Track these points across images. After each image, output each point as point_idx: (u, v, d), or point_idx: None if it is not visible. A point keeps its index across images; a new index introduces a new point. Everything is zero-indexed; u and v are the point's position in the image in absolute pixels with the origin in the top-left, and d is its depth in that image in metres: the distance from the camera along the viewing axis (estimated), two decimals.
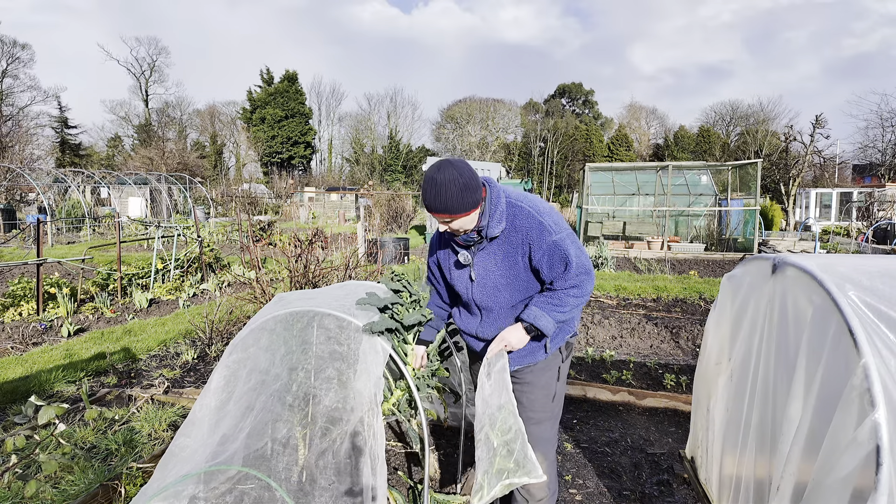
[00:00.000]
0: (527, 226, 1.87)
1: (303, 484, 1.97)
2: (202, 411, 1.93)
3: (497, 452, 1.71)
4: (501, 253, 1.92)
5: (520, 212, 1.89)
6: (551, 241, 1.84)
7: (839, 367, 1.41)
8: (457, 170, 1.78)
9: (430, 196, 1.78)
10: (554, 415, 2.10)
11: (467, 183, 1.77)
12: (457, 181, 1.76)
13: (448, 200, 1.76)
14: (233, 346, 2.03)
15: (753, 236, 12.67)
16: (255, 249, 5.41)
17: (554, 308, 1.88)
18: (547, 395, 2.05)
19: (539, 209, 1.90)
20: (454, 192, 1.76)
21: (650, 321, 6.03)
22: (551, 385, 2.06)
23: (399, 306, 2.12)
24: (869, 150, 34.49)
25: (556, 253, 1.85)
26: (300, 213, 25.22)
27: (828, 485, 1.33)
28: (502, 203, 1.88)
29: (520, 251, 1.90)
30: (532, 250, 1.87)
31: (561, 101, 56.60)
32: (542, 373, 2.04)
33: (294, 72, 50.31)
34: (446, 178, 1.75)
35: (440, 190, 1.76)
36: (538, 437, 2.04)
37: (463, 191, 1.76)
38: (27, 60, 41.90)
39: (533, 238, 1.86)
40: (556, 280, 1.90)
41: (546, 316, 1.87)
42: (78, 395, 3.81)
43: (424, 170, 16.85)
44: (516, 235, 1.89)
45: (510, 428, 1.73)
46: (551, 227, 1.86)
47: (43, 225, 9.68)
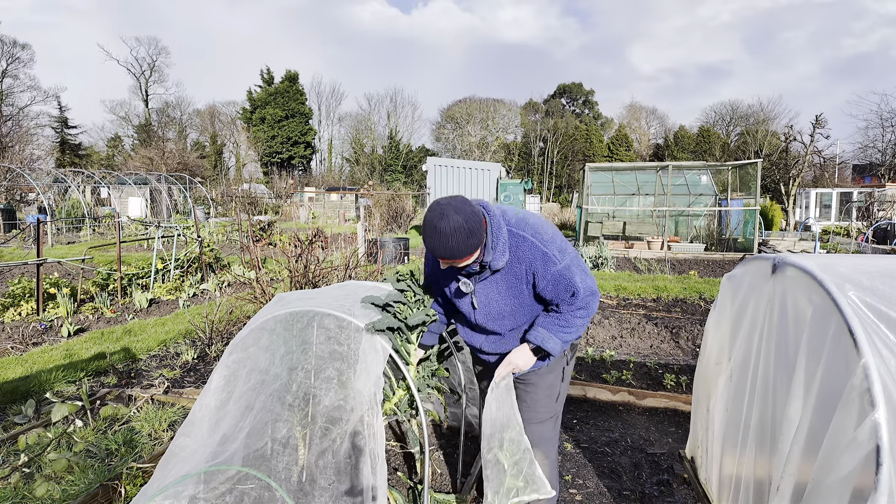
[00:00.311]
0: (530, 256, 1.83)
1: (303, 484, 1.97)
2: (202, 411, 1.93)
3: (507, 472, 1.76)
4: (505, 283, 1.89)
5: (522, 242, 1.84)
6: (556, 272, 1.82)
7: (839, 367, 1.41)
8: (460, 215, 1.69)
9: (434, 244, 1.72)
10: (556, 414, 2.11)
11: (472, 228, 1.70)
12: (462, 229, 1.68)
13: (453, 249, 1.70)
14: (233, 346, 2.03)
15: (753, 236, 12.67)
16: (255, 249, 5.41)
17: (561, 329, 1.88)
18: (551, 396, 2.06)
19: (542, 237, 1.84)
20: (459, 239, 1.69)
21: (650, 321, 6.03)
22: (555, 385, 2.07)
23: (402, 305, 2.12)
24: (869, 150, 34.52)
25: (562, 282, 1.83)
26: (300, 213, 25.22)
27: (828, 485, 1.33)
28: (504, 233, 1.82)
29: (524, 280, 1.87)
30: (536, 279, 1.85)
31: (561, 101, 56.61)
32: (547, 374, 2.05)
33: (295, 72, 50.34)
34: (450, 227, 1.67)
35: (445, 240, 1.69)
36: (540, 436, 2.05)
37: (468, 237, 1.70)
38: (27, 60, 41.93)
39: (537, 268, 1.83)
40: (562, 304, 1.88)
41: (553, 338, 1.87)
42: (78, 395, 3.81)
43: (424, 169, 16.86)
44: (520, 266, 1.85)
45: (518, 447, 1.78)
46: (555, 258, 1.82)
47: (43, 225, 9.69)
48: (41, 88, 42.48)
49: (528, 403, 2.05)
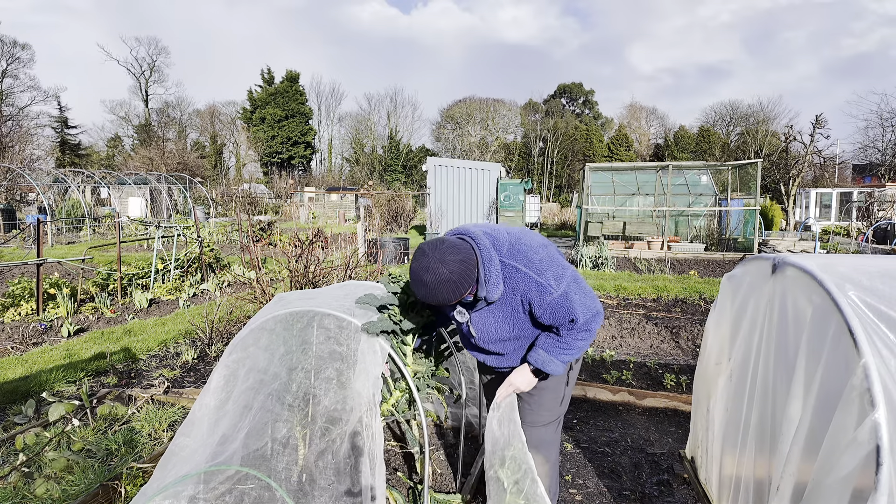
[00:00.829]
0: (524, 287, 1.78)
1: (302, 484, 1.97)
2: (202, 411, 1.93)
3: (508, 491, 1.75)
4: (501, 313, 1.85)
5: (516, 273, 1.78)
6: (552, 301, 1.77)
7: (839, 366, 1.41)
8: (446, 267, 1.64)
9: (422, 296, 1.70)
10: (559, 417, 2.11)
11: (458, 280, 1.66)
12: (447, 281, 1.65)
13: (441, 298, 1.69)
14: (232, 346, 2.03)
15: (753, 236, 12.67)
16: (255, 249, 5.41)
17: (562, 351, 1.85)
18: (555, 399, 2.05)
19: (536, 266, 1.78)
20: (447, 290, 1.66)
21: (650, 321, 6.03)
22: (560, 389, 2.06)
23: (397, 307, 2.12)
24: (869, 150, 34.52)
25: (560, 311, 1.79)
26: (300, 213, 25.23)
27: (828, 485, 1.33)
28: (496, 265, 1.76)
29: (520, 309, 1.84)
30: (533, 308, 1.81)
31: (561, 101, 56.63)
32: (552, 379, 2.03)
33: (296, 72, 50.36)
34: (436, 281, 1.64)
35: (432, 292, 1.67)
36: (542, 439, 2.05)
37: (456, 286, 1.67)
38: (27, 60, 41.95)
39: (532, 298, 1.79)
40: (562, 329, 1.85)
41: (554, 360, 1.85)
42: (78, 395, 3.81)
43: (424, 169, 16.84)
44: (515, 297, 1.81)
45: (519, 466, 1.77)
46: (550, 287, 1.76)
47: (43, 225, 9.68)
48: (41, 88, 42.54)
49: (533, 407, 2.04)
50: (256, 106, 49.94)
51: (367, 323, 1.96)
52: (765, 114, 46.45)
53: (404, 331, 2.09)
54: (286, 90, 49.60)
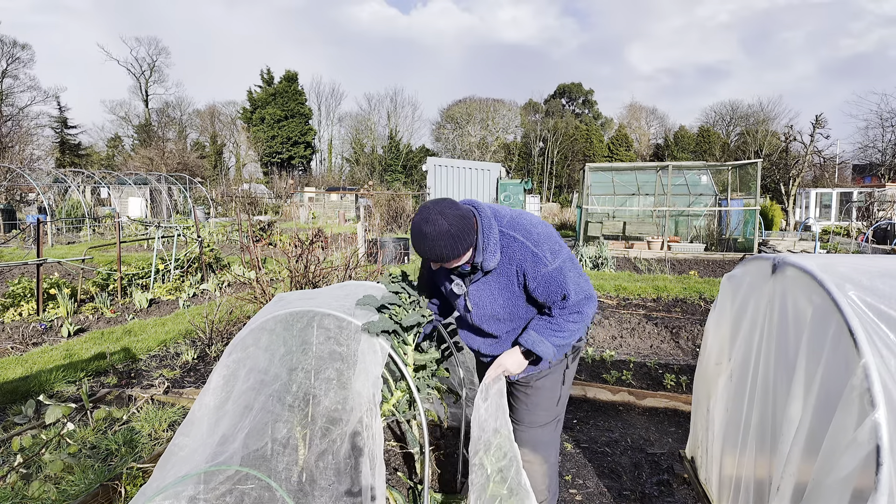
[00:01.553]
0: (520, 257, 1.81)
1: (303, 484, 1.97)
2: (201, 411, 1.93)
3: (490, 478, 1.72)
4: (497, 284, 1.87)
5: (513, 242, 1.81)
6: (546, 273, 1.79)
7: (839, 367, 1.41)
8: (446, 220, 1.68)
9: (421, 249, 1.73)
10: (557, 418, 2.09)
11: (458, 233, 1.69)
12: (447, 234, 1.68)
13: (440, 253, 1.71)
14: (232, 346, 2.03)
15: (753, 236, 12.67)
16: (255, 249, 5.41)
17: (553, 333, 1.84)
18: (552, 399, 2.04)
19: (534, 238, 1.82)
20: (446, 244, 1.69)
21: (650, 321, 6.03)
22: (556, 389, 2.04)
23: (397, 307, 2.11)
24: (869, 150, 34.52)
25: (553, 284, 1.80)
26: (300, 214, 25.22)
27: (828, 485, 1.33)
28: (495, 233, 1.80)
29: (515, 281, 1.85)
30: (527, 280, 1.83)
31: (561, 101, 56.63)
32: (548, 376, 2.02)
33: (294, 72, 50.33)
34: (435, 232, 1.67)
35: (431, 244, 1.69)
36: (540, 440, 2.03)
37: (455, 241, 1.69)
38: (27, 60, 41.94)
39: (527, 269, 1.81)
40: (554, 307, 1.85)
41: (545, 342, 1.84)
42: (78, 395, 3.81)
43: (424, 169, 16.86)
44: (510, 267, 1.83)
45: (505, 454, 1.74)
46: (546, 258, 1.79)
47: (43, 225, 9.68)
48: (41, 88, 42.53)
49: (529, 407, 2.03)
50: (256, 106, 49.93)
51: (367, 322, 1.96)
52: (765, 114, 46.46)
53: (405, 329, 2.09)
54: (285, 90, 49.59)
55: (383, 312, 2.10)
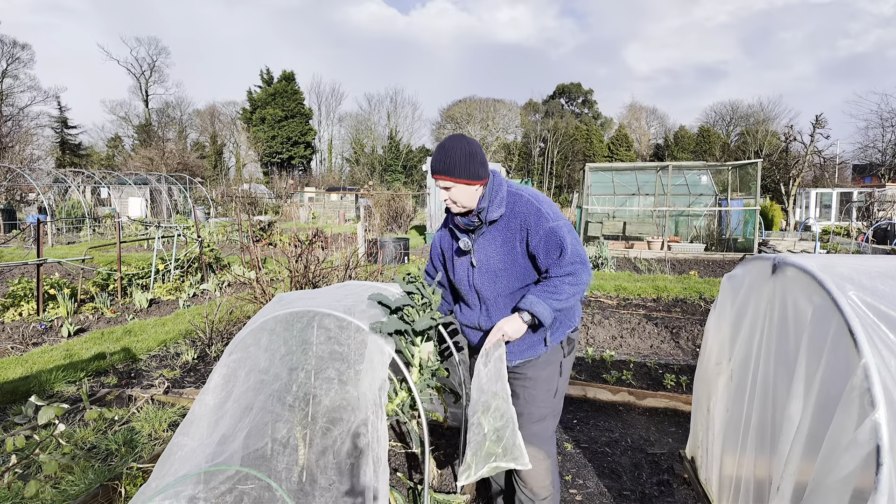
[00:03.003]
0: (525, 211, 1.93)
1: (303, 484, 1.97)
2: (201, 410, 1.93)
3: (487, 437, 1.78)
4: (500, 238, 1.98)
5: (519, 199, 1.96)
6: (548, 227, 1.89)
7: (839, 367, 1.41)
8: (466, 141, 1.90)
9: (437, 159, 1.90)
10: (555, 412, 2.10)
11: (474, 152, 1.89)
12: (464, 148, 1.88)
13: (452, 162, 1.87)
14: (233, 346, 2.03)
15: (753, 236, 12.67)
16: (255, 249, 5.40)
17: (550, 295, 1.88)
18: (549, 391, 2.06)
19: (538, 198, 1.97)
20: (459, 155, 1.87)
21: (650, 321, 6.03)
22: (553, 380, 2.06)
23: (410, 308, 2.11)
24: (869, 150, 34.51)
25: (553, 239, 1.89)
26: (300, 214, 25.23)
27: (828, 485, 1.33)
28: (503, 190, 1.97)
29: (518, 237, 1.95)
30: (529, 235, 1.92)
31: (560, 101, 56.65)
32: (544, 367, 2.04)
33: (291, 72, 50.31)
34: (455, 144, 1.89)
35: (447, 152, 1.88)
36: (539, 434, 2.04)
37: (468, 157, 1.87)
38: (27, 60, 41.94)
39: (531, 224, 1.91)
40: (551, 267, 1.92)
41: (542, 303, 1.87)
42: (78, 395, 3.81)
43: (424, 169, 16.87)
44: (515, 221, 1.95)
45: (502, 415, 1.78)
46: (549, 214, 1.91)
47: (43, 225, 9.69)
48: (41, 88, 42.52)
49: (526, 399, 2.03)
50: (256, 106, 49.93)
51: (377, 323, 1.96)
52: (765, 114, 46.46)
53: (416, 332, 2.08)
54: (285, 90, 49.60)
55: (395, 314, 2.09)
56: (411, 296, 2.18)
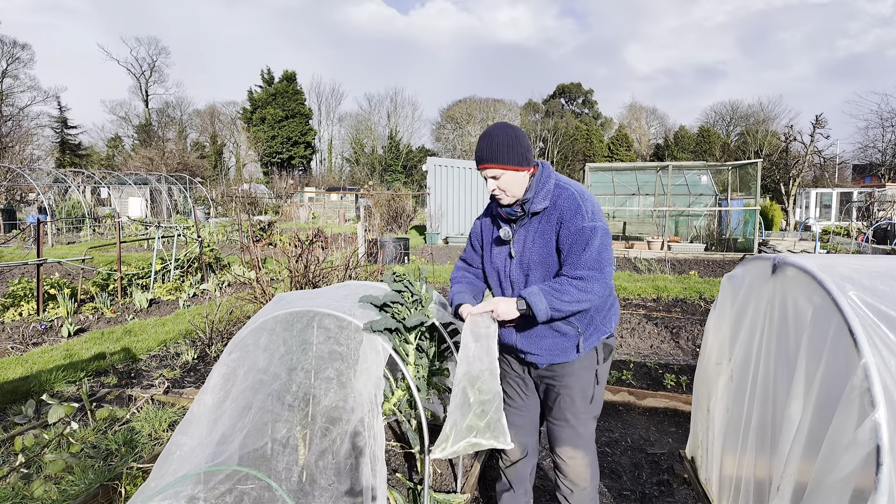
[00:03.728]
0: (565, 206, 1.88)
1: (303, 484, 1.97)
2: (200, 410, 1.93)
3: (471, 409, 1.68)
4: (540, 230, 1.93)
5: (564, 192, 1.92)
6: (580, 226, 1.84)
7: (839, 367, 1.41)
8: (511, 128, 1.88)
9: (484, 147, 1.86)
10: (594, 415, 2.07)
11: (520, 138, 1.87)
12: (509, 134, 1.86)
13: (499, 149, 1.84)
14: (232, 346, 2.03)
15: (753, 236, 12.67)
16: (255, 249, 5.40)
17: (553, 293, 1.81)
18: (584, 398, 2.02)
19: (583, 195, 1.92)
20: (505, 141, 1.84)
21: (650, 321, 6.03)
22: (589, 388, 2.01)
23: (400, 306, 2.11)
24: (869, 150, 34.50)
25: (579, 238, 1.83)
26: (300, 214, 25.23)
27: (828, 485, 1.33)
28: (551, 183, 1.94)
29: (553, 230, 1.90)
30: (562, 228, 1.87)
31: (560, 101, 56.64)
32: (580, 375, 1.99)
33: (292, 71, 50.32)
34: (499, 131, 1.87)
35: (493, 139, 1.85)
36: (580, 435, 2.03)
37: (514, 143, 1.85)
38: (27, 60, 41.93)
39: (566, 218, 1.86)
40: (567, 266, 1.86)
41: (542, 298, 1.81)
42: (78, 395, 3.81)
43: (424, 169, 16.85)
44: (555, 214, 1.90)
45: (490, 390, 1.71)
46: (586, 213, 1.86)
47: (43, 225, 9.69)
48: (41, 88, 42.51)
49: (563, 407, 2.01)
50: (256, 106, 49.93)
51: (369, 321, 1.96)
52: (765, 114, 46.46)
53: (407, 329, 2.08)
54: (285, 90, 49.59)
55: (386, 311, 2.09)
56: (401, 294, 2.18)
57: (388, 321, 1.99)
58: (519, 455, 2.17)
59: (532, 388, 2.16)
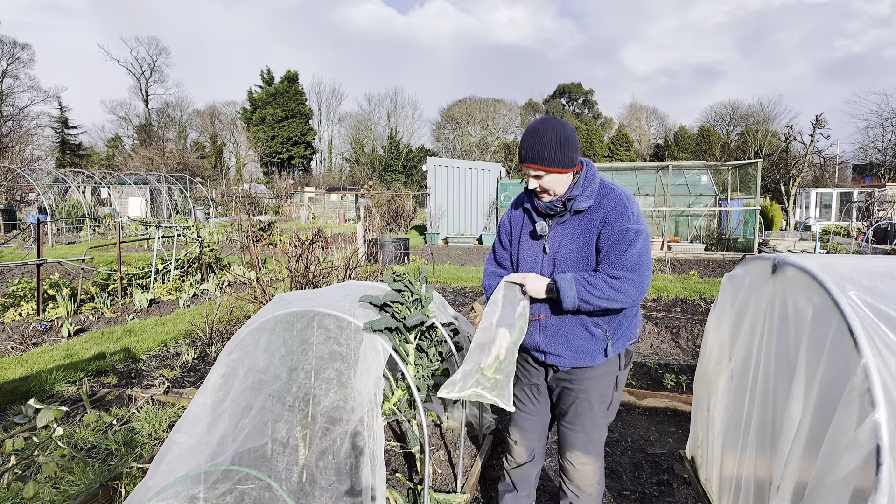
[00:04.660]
0: (611, 206, 1.83)
1: (303, 484, 1.97)
2: (199, 408, 1.93)
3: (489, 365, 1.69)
4: (580, 228, 1.87)
5: (611, 192, 1.86)
6: (625, 227, 1.79)
7: (839, 366, 1.41)
8: (560, 125, 1.77)
9: (529, 144, 1.76)
10: (608, 421, 2.06)
11: (569, 138, 1.77)
12: (559, 134, 1.75)
13: (546, 150, 1.74)
14: (232, 346, 2.03)
15: (753, 236, 12.67)
16: (256, 249, 5.40)
17: (585, 285, 1.78)
18: (603, 404, 1.99)
19: (629, 197, 1.87)
20: (554, 141, 1.74)
21: (650, 321, 6.03)
22: (608, 394, 1.99)
23: (400, 305, 2.11)
24: (869, 150, 34.48)
25: (623, 239, 1.79)
26: (300, 214, 25.23)
27: (828, 485, 1.33)
28: (596, 182, 1.87)
29: (595, 229, 1.84)
30: (604, 229, 1.82)
31: (561, 101, 56.63)
32: (600, 380, 1.96)
33: (294, 72, 50.33)
34: (548, 128, 1.75)
35: (541, 139, 1.74)
36: (593, 441, 2.02)
37: (563, 144, 1.75)
38: (27, 61, 41.90)
39: (611, 218, 1.81)
40: (604, 264, 1.82)
41: (573, 286, 1.79)
42: (78, 396, 3.81)
43: (424, 169, 16.86)
44: (599, 213, 1.84)
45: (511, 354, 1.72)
46: (632, 217, 1.82)
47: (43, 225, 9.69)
48: (41, 88, 42.47)
49: (581, 412, 1.99)
50: (256, 106, 49.92)
51: (369, 321, 1.96)
52: (765, 114, 46.42)
53: (407, 328, 2.08)
54: (286, 90, 49.58)
55: (386, 311, 2.09)
56: (401, 293, 2.18)
57: (388, 320, 1.99)
58: (525, 458, 2.15)
59: (545, 394, 2.11)
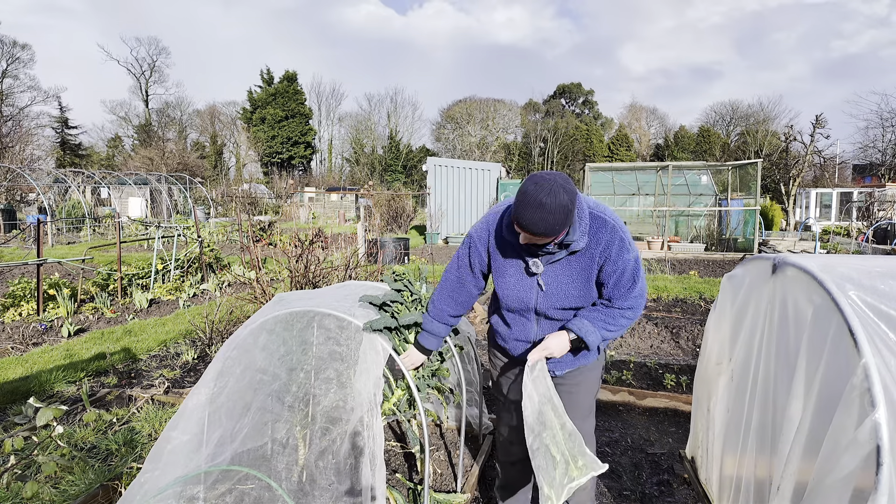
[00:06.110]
0: (608, 240, 1.79)
1: (303, 484, 1.97)
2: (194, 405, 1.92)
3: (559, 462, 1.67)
4: (579, 266, 1.84)
5: (603, 225, 1.80)
6: (627, 259, 1.80)
7: (839, 366, 1.41)
8: (567, 195, 1.62)
9: (533, 219, 1.62)
10: (593, 410, 2.18)
11: (571, 209, 1.65)
12: (565, 208, 1.61)
13: (550, 226, 1.63)
14: (231, 345, 2.03)
15: (753, 236, 12.67)
16: (256, 249, 5.40)
17: (606, 325, 1.84)
18: (590, 394, 2.12)
19: (619, 224, 1.84)
20: (560, 218, 1.62)
21: (650, 321, 6.03)
22: (595, 386, 2.12)
23: (399, 305, 2.11)
24: (869, 150, 34.49)
25: (628, 272, 1.81)
26: (300, 214, 25.23)
27: (828, 485, 1.33)
28: (586, 216, 1.79)
29: (595, 265, 1.82)
30: (606, 264, 1.81)
31: (561, 101, 56.63)
32: (590, 373, 2.07)
33: (294, 72, 50.34)
34: (556, 205, 1.59)
35: (546, 216, 1.60)
36: (584, 431, 2.08)
37: (568, 216, 1.64)
38: (27, 61, 41.90)
39: (611, 254, 1.79)
40: (616, 298, 1.84)
41: (596, 332, 1.83)
42: (78, 396, 3.81)
43: (424, 169, 16.85)
44: (596, 249, 1.81)
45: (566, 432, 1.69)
46: (630, 245, 1.82)
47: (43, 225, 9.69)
48: (41, 89, 42.46)
49: (572, 404, 2.02)
50: (256, 106, 49.92)
51: (369, 321, 1.96)
52: (765, 114, 46.44)
53: (407, 327, 2.08)
54: (285, 90, 49.59)
55: (385, 311, 2.10)
56: (401, 293, 2.18)
57: (388, 320, 1.99)
58: (521, 456, 2.19)
59: None
